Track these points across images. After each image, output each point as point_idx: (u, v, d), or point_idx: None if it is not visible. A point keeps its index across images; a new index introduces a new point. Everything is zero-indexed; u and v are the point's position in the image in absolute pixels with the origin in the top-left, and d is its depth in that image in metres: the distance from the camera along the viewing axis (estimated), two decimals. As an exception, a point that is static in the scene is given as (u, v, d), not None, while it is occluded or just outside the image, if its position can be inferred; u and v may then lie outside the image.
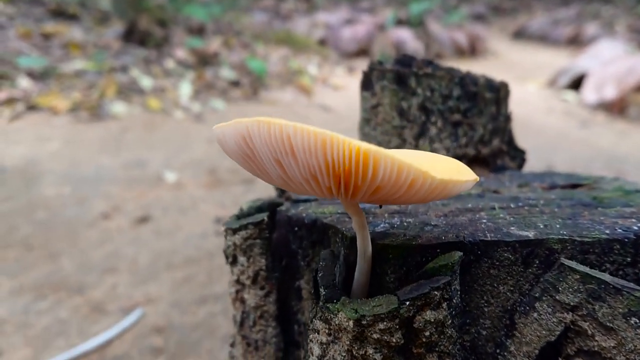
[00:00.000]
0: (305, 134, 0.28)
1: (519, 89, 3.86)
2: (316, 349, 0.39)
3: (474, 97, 0.65)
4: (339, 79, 4.03)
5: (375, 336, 0.35)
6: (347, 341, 0.36)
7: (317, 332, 0.38)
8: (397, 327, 0.35)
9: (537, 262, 0.39)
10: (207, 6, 4.49)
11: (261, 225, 0.48)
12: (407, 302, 0.35)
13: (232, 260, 0.51)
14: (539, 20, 7.40)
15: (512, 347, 0.39)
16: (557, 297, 0.37)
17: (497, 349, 0.40)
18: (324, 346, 0.38)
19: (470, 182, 0.33)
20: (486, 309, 0.41)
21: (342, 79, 4.05)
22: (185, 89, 3.09)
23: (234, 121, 0.30)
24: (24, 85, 2.72)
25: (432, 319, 0.36)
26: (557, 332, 0.37)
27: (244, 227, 0.48)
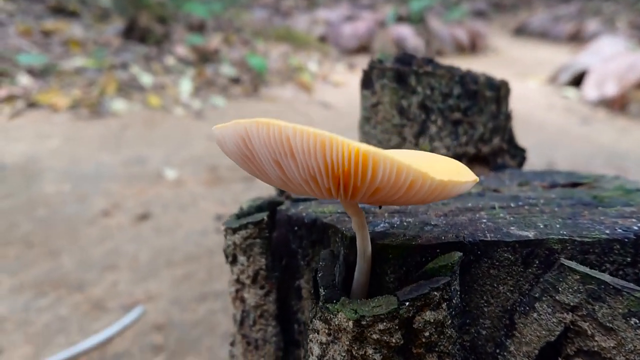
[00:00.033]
0: (304, 135, 0.28)
1: (520, 86, 3.85)
2: (316, 349, 0.39)
3: (474, 95, 0.65)
4: (339, 75, 4.03)
5: (374, 336, 0.35)
6: (346, 341, 0.36)
7: (317, 332, 0.38)
8: (396, 327, 0.35)
9: (537, 262, 0.39)
10: (208, 3, 4.48)
11: (261, 224, 0.48)
12: (407, 303, 0.35)
13: (232, 259, 0.51)
14: (540, 16, 7.38)
15: (512, 347, 0.39)
16: (557, 298, 0.37)
17: (497, 349, 0.40)
18: (324, 346, 0.38)
19: (469, 183, 0.33)
20: (486, 309, 0.41)
21: (343, 75, 4.05)
22: (185, 85, 3.09)
23: (233, 122, 0.30)
24: (24, 82, 2.72)
25: (432, 320, 0.36)
26: (557, 332, 0.37)
27: (244, 227, 0.48)
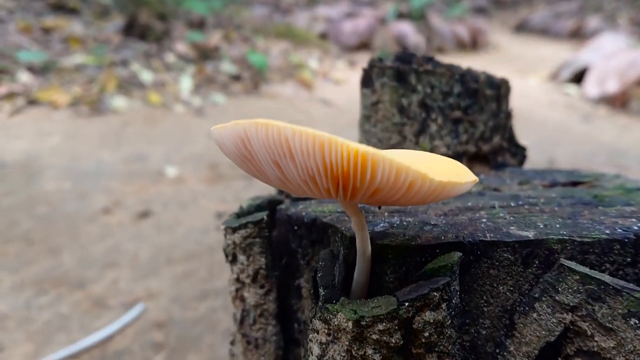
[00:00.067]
0: (303, 136, 0.28)
1: (521, 83, 3.84)
2: (316, 349, 0.39)
3: (474, 94, 0.65)
4: (340, 73, 4.02)
5: (374, 337, 0.35)
6: (346, 341, 0.36)
7: (317, 332, 0.38)
8: (396, 327, 0.35)
9: (537, 263, 0.39)
10: (208, 0, 4.47)
11: (261, 224, 0.48)
12: (407, 303, 0.35)
13: (231, 258, 0.51)
14: (541, 13, 7.37)
15: (512, 347, 0.39)
16: (556, 298, 0.37)
17: (497, 349, 0.40)
18: (324, 346, 0.38)
19: (469, 184, 0.33)
20: (486, 309, 0.41)
21: (343, 73, 4.04)
22: (185, 83, 3.08)
23: (232, 123, 0.30)
24: (24, 79, 2.71)
25: (432, 320, 0.36)
26: (557, 332, 0.37)
27: (244, 226, 0.48)
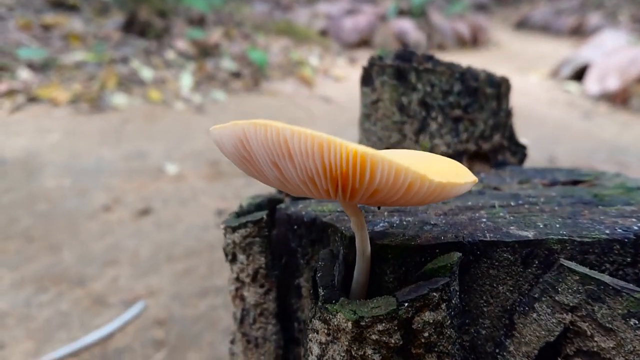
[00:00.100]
0: (302, 137, 0.28)
1: (521, 80, 3.84)
2: (315, 349, 0.39)
3: (474, 92, 0.65)
4: (340, 69, 4.02)
5: (374, 337, 0.35)
6: (346, 342, 0.36)
7: (316, 332, 0.38)
8: (395, 328, 0.35)
9: (537, 263, 0.39)
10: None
11: (260, 223, 0.48)
12: (406, 304, 0.35)
13: (231, 258, 0.51)
14: (542, 10, 7.35)
15: (512, 347, 0.39)
16: (556, 298, 0.37)
17: (497, 349, 0.40)
18: (323, 346, 0.38)
19: (468, 184, 0.33)
20: (485, 309, 0.41)
21: (344, 69, 4.04)
22: (186, 80, 3.08)
23: (231, 123, 0.30)
24: (24, 76, 2.71)
25: (431, 320, 0.36)
26: (557, 332, 0.37)
27: (243, 226, 0.48)
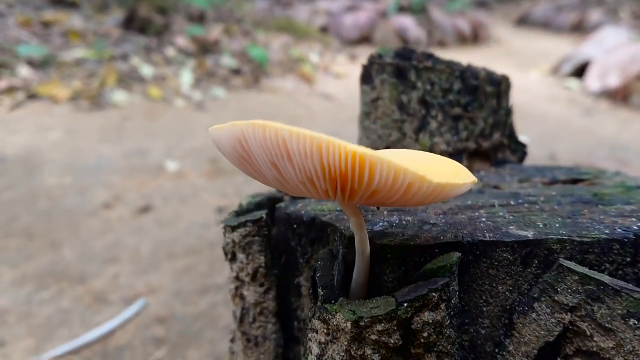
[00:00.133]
0: (300, 138, 0.27)
1: (522, 77, 3.83)
2: (315, 349, 0.39)
3: (474, 90, 0.65)
4: (340, 67, 4.01)
5: (373, 337, 0.35)
6: (345, 342, 0.36)
7: (316, 332, 0.38)
8: (395, 328, 0.35)
9: (536, 263, 0.39)
10: (208, -7, 4.45)
11: (260, 222, 0.48)
12: (405, 304, 0.35)
13: (231, 257, 0.51)
14: (543, 6, 7.33)
15: (511, 347, 0.39)
16: (556, 298, 0.37)
17: (496, 349, 0.40)
18: (323, 346, 0.38)
19: (467, 185, 0.33)
20: (485, 309, 0.40)
21: (344, 67, 4.03)
22: (186, 77, 3.08)
23: (230, 124, 0.30)
24: (24, 74, 2.71)
25: (431, 320, 0.36)
26: (556, 332, 0.37)
27: (243, 225, 0.48)
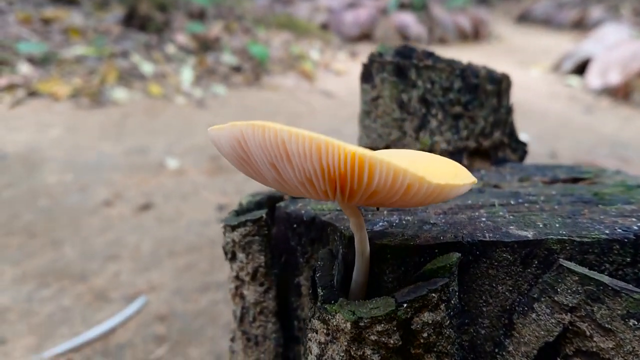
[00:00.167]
0: (300, 139, 0.27)
1: (523, 74, 3.83)
2: (315, 348, 0.39)
3: (475, 89, 0.65)
4: (341, 64, 4.00)
5: (372, 338, 0.35)
6: (345, 342, 0.36)
7: (316, 332, 0.38)
8: (394, 328, 0.35)
9: (536, 263, 0.39)
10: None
11: (260, 222, 0.48)
12: (405, 304, 0.35)
13: (231, 256, 0.51)
14: (544, 3, 7.31)
15: (511, 347, 0.39)
16: (555, 298, 0.37)
17: (496, 348, 0.40)
18: (323, 346, 0.38)
19: (467, 186, 0.33)
20: (485, 309, 0.40)
21: (345, 64, 4.03)
22: (186, 74, 3.07)
23: (229, 124, 0.30)
24: (24, 71, 2.71)
25: (430, 321, 0.36)
26: (556, 332, 0.37)
27: (243, 224, 0.48)
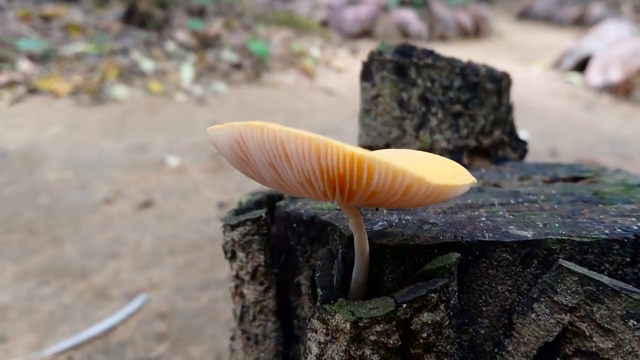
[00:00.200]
0: (298, 139, 0.27)
1: (523, 71, 3.82)
2: (314, 348, 0.39)
3: (475, 87, 0.64)
4: (341, 61, 4.00)
5: (372, 338, 0.35)
6: (344, 342, 0.36)
7: (315, 332, 0.38)
8: (394, 329, 0.35)
9: (536, 263, 0.39)
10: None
11: (259, 221, 0.48)
12: (404, 305, 0.35)
13: (230, 255, 0.51)
14: (544, 0, 7.29)
15: (510, 347, 0.39)
16: (555, 298, 0.37)
17: (495, 348, 0.40)
18: (322, 345, 0.38)
19: (466, 186, 0.33)
20: (484, 309, 0.40)
21: (345, 61, 4.02)
22: (186, 71, 3.07)
23: (228, 125, 0.30)
24: (24, 68, 2.70)
25: (430, 321, 0.36)
26: (555, 332, 0.37)
27: (242, 224, 0.48)
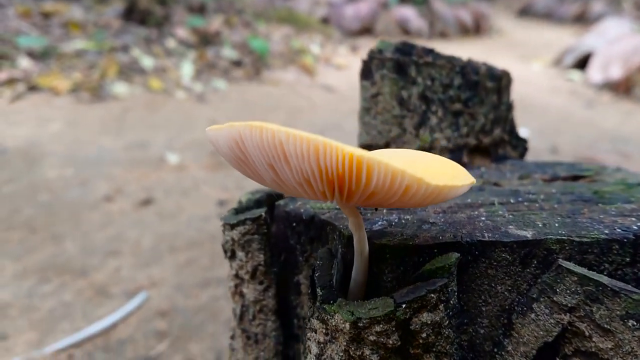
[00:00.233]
0: (297, 140, 0.27)
1: (524, 68, 3.82)
2: (314, 348, 0.39)
3: (475, 86, 0.64)
4: (342, 58, 3.99)
5: (371, 338, 0.35)
6: (344, 342, 0.36)
7: (315, 332, 0.38)
8: (393, 329, 0.35)
9: (535, 263, 0.39)
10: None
11: (259, 221, 0.48)
12: (404, 305, 0.35)
13: (230, 254, 0.51)
14: (546, -4, 7.28)
15: (510, 347, 0.39)
16: (554, 299, 0.37)
17: (495, 348, 0.40)
18: (322, 345, 0.38)
19: (465, 187, 0.33)
20: (484, 309, 0.40)
21: (345, 58, 4.01)
22: (186, 68, 3.06)
23: (227, 125, 0.30)
24: (24, 65, 2.70)
25: (429, 321, 0.35)
26: (555, 333, 0.37)
27: (242, 223, 0.48)
